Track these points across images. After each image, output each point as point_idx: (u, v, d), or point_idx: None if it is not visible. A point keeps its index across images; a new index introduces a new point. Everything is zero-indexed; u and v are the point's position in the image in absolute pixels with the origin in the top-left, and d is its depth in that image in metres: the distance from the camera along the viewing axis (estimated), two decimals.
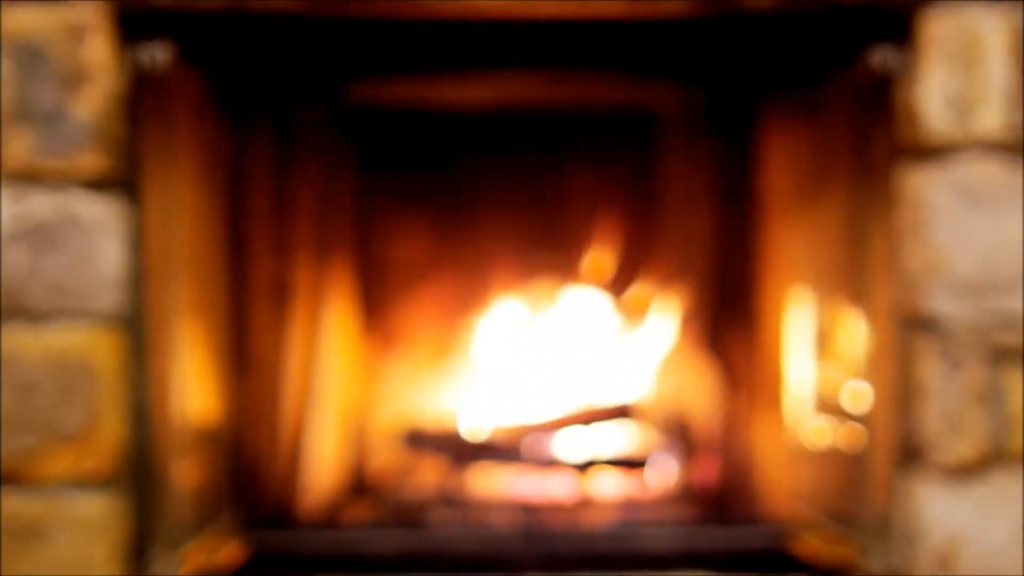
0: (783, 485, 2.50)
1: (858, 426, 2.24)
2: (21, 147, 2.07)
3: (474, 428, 2.67)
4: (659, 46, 2.41)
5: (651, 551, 2.29)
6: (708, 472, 2.58)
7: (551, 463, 2.61)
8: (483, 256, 3.19)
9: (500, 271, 3.21)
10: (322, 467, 2.81)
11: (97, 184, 2.10)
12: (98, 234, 2.08)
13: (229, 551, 2.20)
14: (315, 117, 2.55)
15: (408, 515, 2.69)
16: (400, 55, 2.42)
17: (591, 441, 2.57)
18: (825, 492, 2.37)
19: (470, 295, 3.20)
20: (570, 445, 2.66)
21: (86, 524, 2.08)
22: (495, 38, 2.34)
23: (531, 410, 2.82)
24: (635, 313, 3.13)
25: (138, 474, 2.22)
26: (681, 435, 2.57)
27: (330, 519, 2.57)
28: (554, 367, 3.02)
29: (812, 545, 2.21)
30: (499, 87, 2.80)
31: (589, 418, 2.58)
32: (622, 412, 2.70)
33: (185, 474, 2.22)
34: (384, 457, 3.08)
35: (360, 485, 2.81)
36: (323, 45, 2.39)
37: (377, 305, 3.21)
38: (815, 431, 2.43)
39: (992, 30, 2.09)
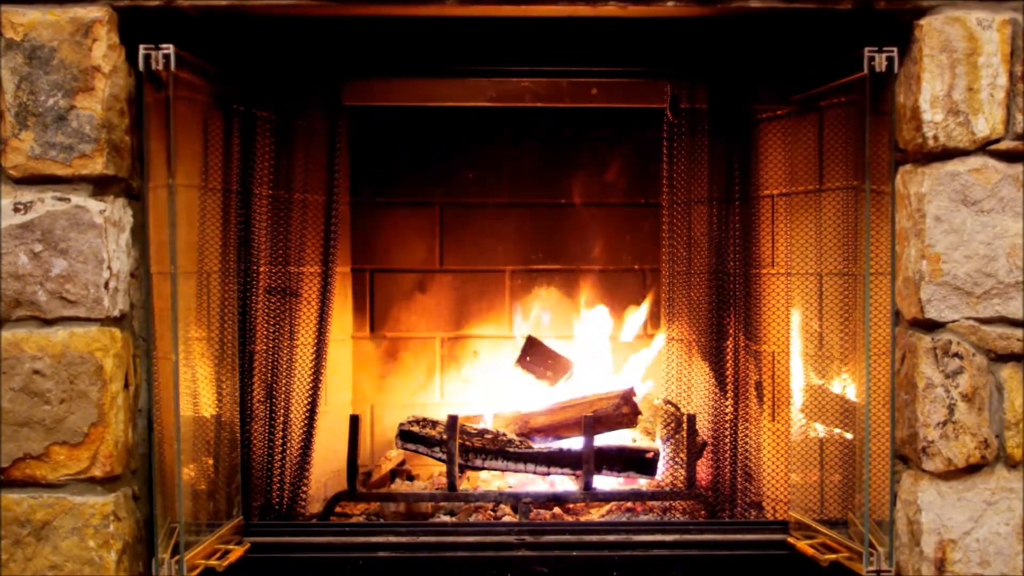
0: (783, 486, 2.50)
1: (857, 427, 2.25)
2: (26, 148, 2.08)
3: (475, 428, 2.67)
4: (661, 45, 2.41)
5: (651, 551, 2.30)
6: (709, 472, 2.58)
7: (551, 463, 2.61)
8: (484, 255, 3.20)
9: (501, 271, 3.21)
10: (324, 467, 2.81)
11: (102, 185, 2.11)
12: (103, 235, 2.09)
13: (232, 550, 2.20)
14: (316, 116, 2.56)
15: (408, 514, 2.70)
16: (401, 53, 2.43)
17: (591, 441, 2.57)
18: (824, 493, 2.38)
19: (471, 295, 3.21)
20: (570, 445, 2.66)
21: (92, 524, 2.09)
22: (497, 37, 2.35)
23: (532, 410, 2.82)
24: (636, 313, 3.14)
25: (144, 475, 2.23)
26: (682, 435, 2.57)
27: (331, 518, 2.57)
28: (555, 367, 3.03)
29: (811, 545, 2.21)
30: (501, 85, 2.81)
31: (589, 418, 2.58)
32: (623, 412, 2.70)
33: (189, 474, 2.22)
34: (385, 457, 3.08)
35: (361, 485, 2.82)
36: (324, 44, 2.39)
37: (378, 306, 3.22)
38: (815, 432, 2.43)
39: (989, 34, 2.10)
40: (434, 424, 2.72)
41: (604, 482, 2.68)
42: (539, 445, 2.71)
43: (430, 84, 2.86)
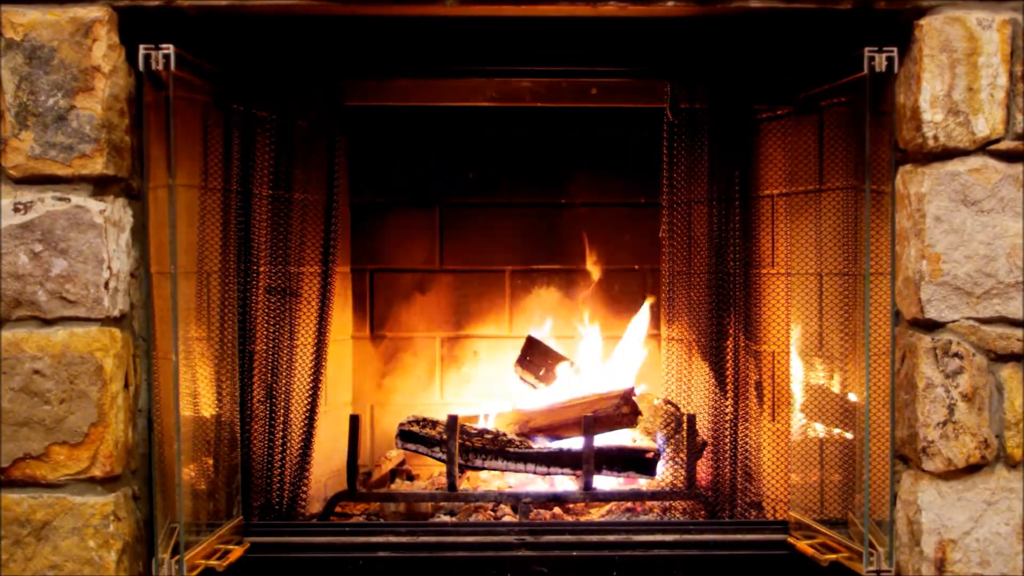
0: (783, 486, 2.50)
1: (857, 427, 2.25)
2: (26, 148, 2.08)
3: (475, 428, 2.67)
4: (661, 45, 2.41)
5: (651, 551, 2.30)
6: (709, 472, 2.58)
7: (551, 463, 2.61)
8: (484, 255, 3.20)
9: (501, 271, 3.21)
10: (324, 467, 2.81)
11: (102, 185, 2.11)
12: (103, 235, 2.08)
13: (232, 550, 2.20)
14: (316, 116, 2.56)
15: (408, 514, 2.70)
16: (401, 53, 2.43)
17: (591, 441, 2.56)
18: (824, 493, 2.38)
19: (471, 295, 3.21)
20: (570, 445, 2.66)
21: (92, 524, 2.09)
22: (497, 37, 2.35)
23: (532, 410, 2.82)
24: (635, 313, 3.14)
25: (144, 475, 2.23)
26: (682, 435, 2.57)
27: (331, 518, 2.57)
28: (555, 367, 3.03)
29: (811, 545, 2.21)
30: (501, 85, 2.80)
31: (589, 418, 2.58)
32: (623, 412, 2.70)
33: (189, 474, 2.22)
34: (385, 457, 3.08)
35: (361, 485, 2.82)
36: (324, 44, 2.39)
37: (378, 306, 3.22)
38: (815, 432, 2.43)
39: (989, 34, 2.10)
40: (434, 424, 2.71)
41: (604, 482, 2.67)
42: (539, 445, 2.71)
43: (430, 84, 2.85)
